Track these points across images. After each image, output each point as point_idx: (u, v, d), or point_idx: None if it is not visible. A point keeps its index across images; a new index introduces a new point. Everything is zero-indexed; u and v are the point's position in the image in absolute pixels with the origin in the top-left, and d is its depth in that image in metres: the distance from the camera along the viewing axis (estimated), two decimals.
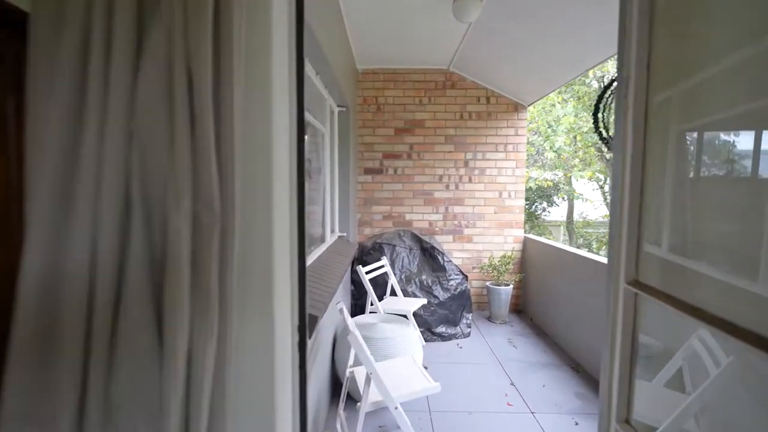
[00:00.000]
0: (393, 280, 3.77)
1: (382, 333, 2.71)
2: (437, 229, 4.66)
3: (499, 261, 4.40)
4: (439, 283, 3.80)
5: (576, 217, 11.60)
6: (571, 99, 7.94)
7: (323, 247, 3.05)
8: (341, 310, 2.20)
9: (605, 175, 9.33)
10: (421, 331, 3.65)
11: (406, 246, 4.03)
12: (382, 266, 3.79)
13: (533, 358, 3.43)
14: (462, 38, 3.57)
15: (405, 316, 3.41)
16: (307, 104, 2.65)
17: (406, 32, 3.57)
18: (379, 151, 4.64)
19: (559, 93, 7.77)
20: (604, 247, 11.32)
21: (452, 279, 3.82)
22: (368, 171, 4.64)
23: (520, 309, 4.69)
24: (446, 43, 3.75)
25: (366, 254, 3.97)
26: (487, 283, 4.38)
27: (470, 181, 4.61)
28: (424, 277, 3.84)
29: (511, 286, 4.32)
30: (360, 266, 3.47)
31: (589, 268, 3.27)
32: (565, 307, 3.62)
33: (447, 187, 4.63)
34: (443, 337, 3.74)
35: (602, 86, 8.59)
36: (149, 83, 0.69)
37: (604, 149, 8.46)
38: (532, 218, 11.15)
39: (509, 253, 4.55)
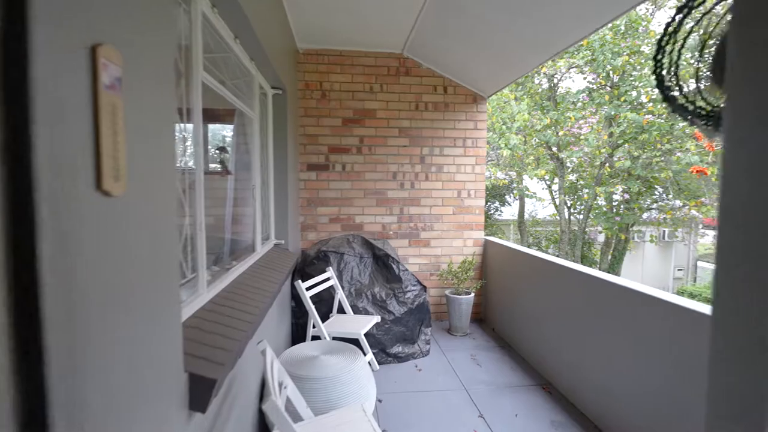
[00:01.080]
0: (341, 295, 3.21)
1: (323, 371, 2.15)
2: (391, 232, 4.16)
3: (459, 267, 4.00)
4: (395, 295, 3.30)
5: (526, 216, 11.74)
6: (525, 96, 7.85)
7: (249, 261, 2.42)
8: (263, 352, 1.61)
9: (554, 175, 9.42)
10: (374, 353, 3.13)
11: (356, 254, 3.49)
12: (328, 279, 3.21)
13: (500, 378, 3.03)
14: (419, 13, 3.09)
15: (355, 340, 2.87)
16: (216, 69, 2.01)
17: (353, 4, 3.02)
18: (324, 144, 4.05)
19: (512, 90, 7.64)
20: (552, 245, 11.56)
21: (409, 291, 3.33)
22: (312, 167, 4.04)
23: (481, 318, 4.34)
24: (400, 19, 3.25)
25: (308, 265, 3.37)
26: (447, 292, 3.96)
27: (427, 179, 4.17)
28: (377, 289, 3.32)
29: (472, 294, 3.93)
30: (300, 281, 2.87)
31: (551, 271, 2.94)
32: (528, 317, 3.28)
33: (402, 185, 4.15)
34: (399, 358, 3.25)
35: (550, 83, 8.63)
36: None
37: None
38: (486, 218, 11.12)
39: (469, 258, 4.17)
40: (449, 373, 3.10)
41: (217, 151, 2.68)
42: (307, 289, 2.91)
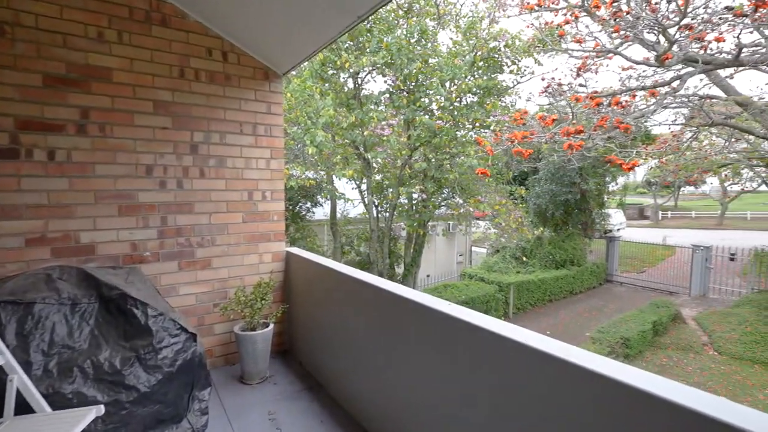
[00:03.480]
0: (21, 380, 1.78)
1: None
2: (148, 254, 2.84)
3: (253, 292, 3.04)
4: (139, 359, 2.08)
5: (338, 215, 11.62)
6: (330, 91, 7.45)
7: None
8: None
9: (362, 175, 9.49)
10: None
11: (64, 299, 2.08)
12: None
13: None
14: None
15: None
16: None
17: None
18: (8, 114, 2.39)
19: (315, 81, 7.10)
20: (363, 243, 11.82)
21: (165, 346, 2.18)
22: None
23: (285, 349, 3.49)
24: None
25: None
26: (236, 329, 2.95)
27: (203, 175, 3.03)
28: (104, 355, 2.02)
29: (272, 325, 3.05)
30: None
31: (359, 290, 2.38)
32: (338, 344, 2.65)
33: (163, 185, 2.88)
34: None
35: (354, 82, 8.57)
36: None
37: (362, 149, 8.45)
38: (296, 219, 10.36)
39: (267, 279, 3.26)
40: None
41: None
42: None
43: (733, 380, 8.36)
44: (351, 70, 7.66)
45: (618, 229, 21.22)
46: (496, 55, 8.44)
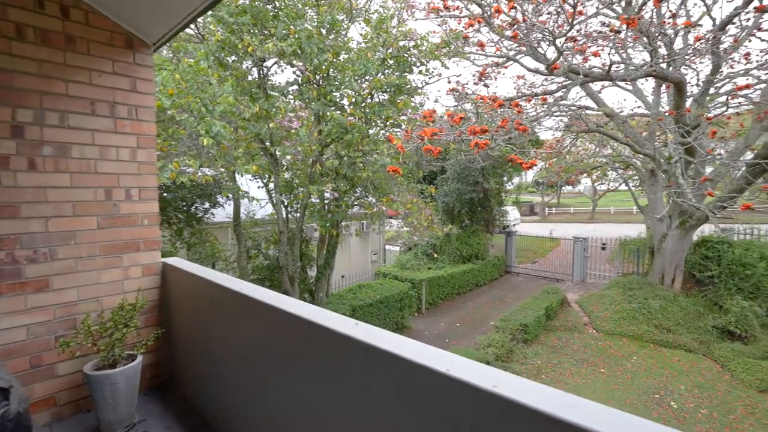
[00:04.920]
0: None
1: None
2: None
3: (112, 318, 2.38)
4: None
5: (243, 216, 10.67)
6: (230, 77, 6.66)
7: None
8: None
9: (269, 172, 8.77)
10: None
11: None
12: None
13: None
14: None
15: None
16: None
17: None
18: None
19: (210, 64, 6.29)
20: (273, 246, 11.03)
21: None
22: None
23: (163, 383, 2.85)
24: None
25: None
26: (86, 367, 2.27)
27: (33, 168, 2.27)
28: None
29: (140, 357, 2.42)
30: None
31: (265, 312, 1.96)
32: (233, 375, 2.18)
33: None
34: None
35: (259, 71, 7.85)
36: None
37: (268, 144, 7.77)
38: (192, 222, 9.19)
39: (134, 298, 2.60)
40: None
41: None
42: None
43: (608, 353, 9.63)
44: (256, 55, 6.95)
45: (514, 225, 23.45)
46: (406, 54, 8.47)
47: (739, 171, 10.23)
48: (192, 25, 8.93)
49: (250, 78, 8.07)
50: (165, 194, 8.81)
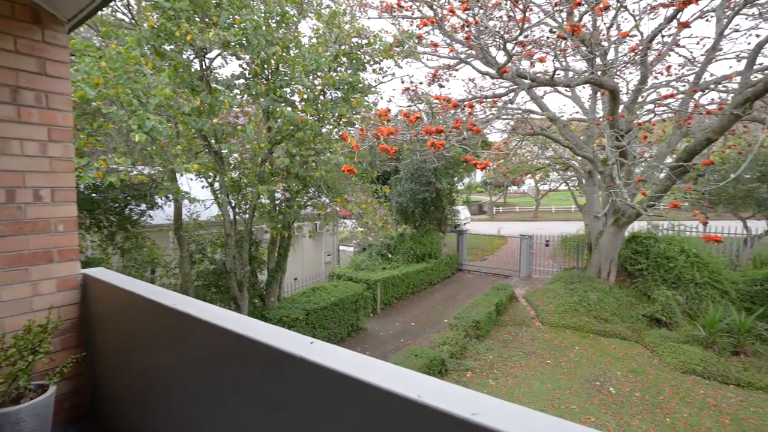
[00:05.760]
0: None
1: None
2: None
3: (15, 344, 1.99)
4: None
5: (186, 218, 9.93)
6: (167, 68, 6.11)
7: None
8: None
9: (214, 171, 8.22)
10: None
11: None
12: None
13: None
14: None
15: None
16: None
17: None
18: None
19: (144, 55, 5.74)
20: (219, 249, 10.37)
21: None
22: None
23: (84, 415, 2.47)
24: None
25: None
26: None
27: None
28: None
29: (53, 388, 2.05)
30: None
31: (203, 330, 1.72)
32: (171, 400, 1.90)
33: None
34: None
35: (205, 64, 7.31)
36: None
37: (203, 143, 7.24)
38: (125, 225, 8.37)
39: (45, 318, 2.21)
40: None
41: None
42: None
43: (553, 345, 10.14)
44: (196, 45, 6.44)
45: (465, 224, 24.16)
46: (359, 52, 8.32)
47: (662, 173, 11.27)
48: (125, 10, 8.12)
49: (192, 70, 7.49)
50: (93, 195, 7.94)
